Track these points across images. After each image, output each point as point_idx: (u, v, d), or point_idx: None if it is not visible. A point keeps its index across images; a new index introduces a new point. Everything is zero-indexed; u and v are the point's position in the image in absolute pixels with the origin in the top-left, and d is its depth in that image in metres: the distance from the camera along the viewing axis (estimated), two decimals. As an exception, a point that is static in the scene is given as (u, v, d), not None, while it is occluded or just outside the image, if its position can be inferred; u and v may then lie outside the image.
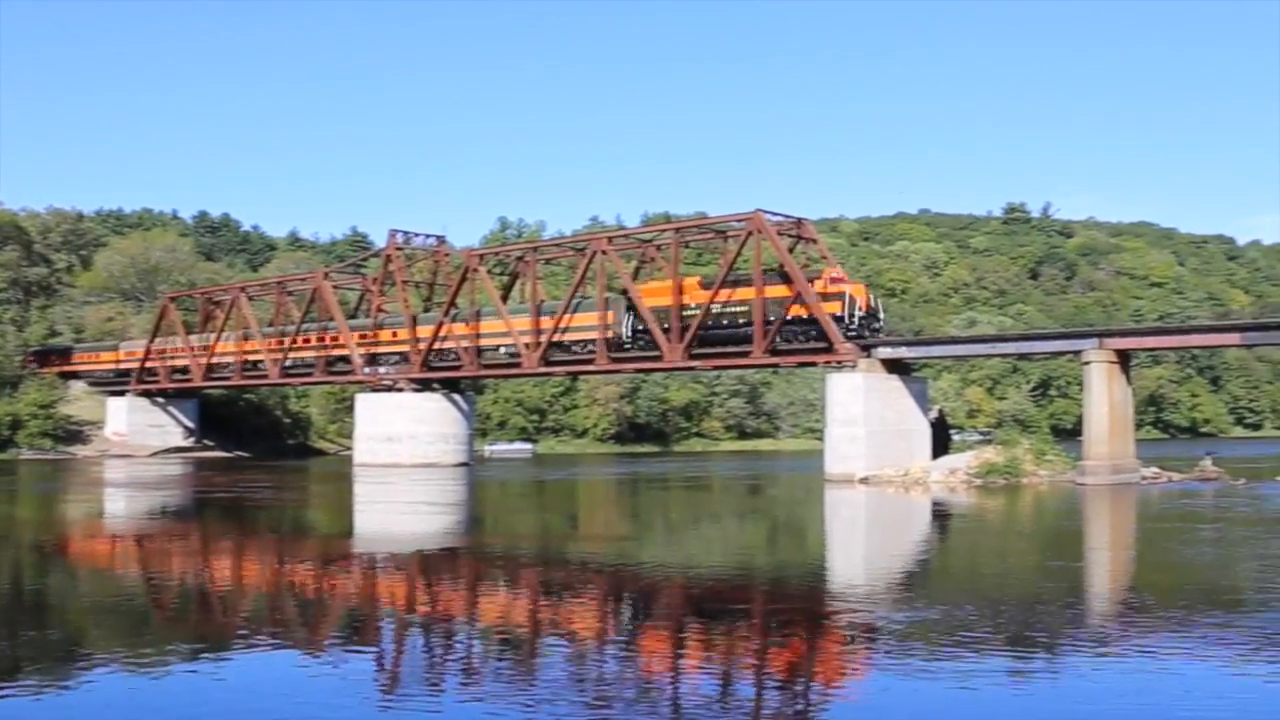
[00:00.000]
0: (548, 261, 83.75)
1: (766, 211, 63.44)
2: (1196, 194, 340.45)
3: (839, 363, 60.29)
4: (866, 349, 59.57)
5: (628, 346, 69.17)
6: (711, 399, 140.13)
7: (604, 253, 70.48)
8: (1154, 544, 32.82)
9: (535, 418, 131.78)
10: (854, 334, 59.99)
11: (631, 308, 68.86)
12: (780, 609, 20.72)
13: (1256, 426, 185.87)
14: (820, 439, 65.06)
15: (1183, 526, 36.36)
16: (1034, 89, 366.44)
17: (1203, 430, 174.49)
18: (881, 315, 64.67)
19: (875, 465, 58.07)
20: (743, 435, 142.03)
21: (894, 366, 60.37)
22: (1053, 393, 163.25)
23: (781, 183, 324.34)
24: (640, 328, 67.51)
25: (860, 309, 61.01)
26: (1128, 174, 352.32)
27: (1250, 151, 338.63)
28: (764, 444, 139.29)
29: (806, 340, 61.69)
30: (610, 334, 68.70)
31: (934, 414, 64.75)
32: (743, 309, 63.29)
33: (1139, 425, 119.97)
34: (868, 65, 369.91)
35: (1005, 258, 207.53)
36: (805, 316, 60.99)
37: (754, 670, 15.48)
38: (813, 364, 66.15)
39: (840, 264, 67.13)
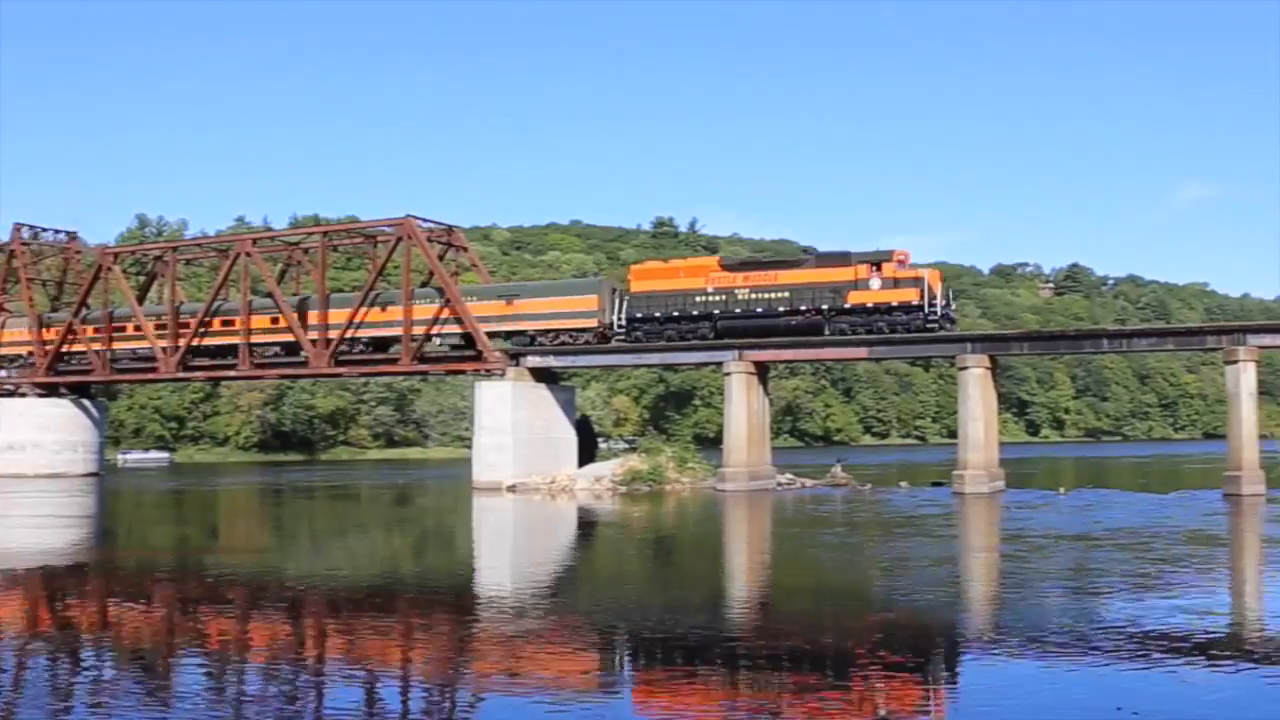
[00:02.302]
0: (188, 262, 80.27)
1: (417, 218, 63.04)
2: (835, 213, 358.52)
3: (488, 371, 60.43)
4: (514, 357, 59.89)
5: (620, 337, 60.31)
6: (359, 406, 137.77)
7: (248, 254, 68.30)
8: (786, 547, 34.32)
9: (174, 425, 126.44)
10: (934, 325, 54.88)
11: (622, 294, 61.21)
12: (423, 616, 20.56)
13: (884, 435, 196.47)
14: (469, 447, 64.88)
15: (813, 530, 38.16)
16: (683, 107, 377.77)
17: (835, 439, 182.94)
18: (953, 305, 59.09)
19: (523, 473, 58.45)
20: (391, 443, 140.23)
21: (542, 375, 60.94)
22: (696, 402, 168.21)
23: (434, 190, 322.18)
24: (638, 315, 59.21)
25: (939, 297, 55.44)
26: (769, 193, 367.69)
27: (886, 174, 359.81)
28: (412, 452, 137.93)
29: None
30: (597, 323, 60.64)
31: (580, 421, 65.71)
32: (780, 294, 56.43)
33: (776, 434, 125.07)
34: (521, 76, 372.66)
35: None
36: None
37: (399, 676, 15.34)
38: (461, 372, 66.03)
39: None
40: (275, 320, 66.98)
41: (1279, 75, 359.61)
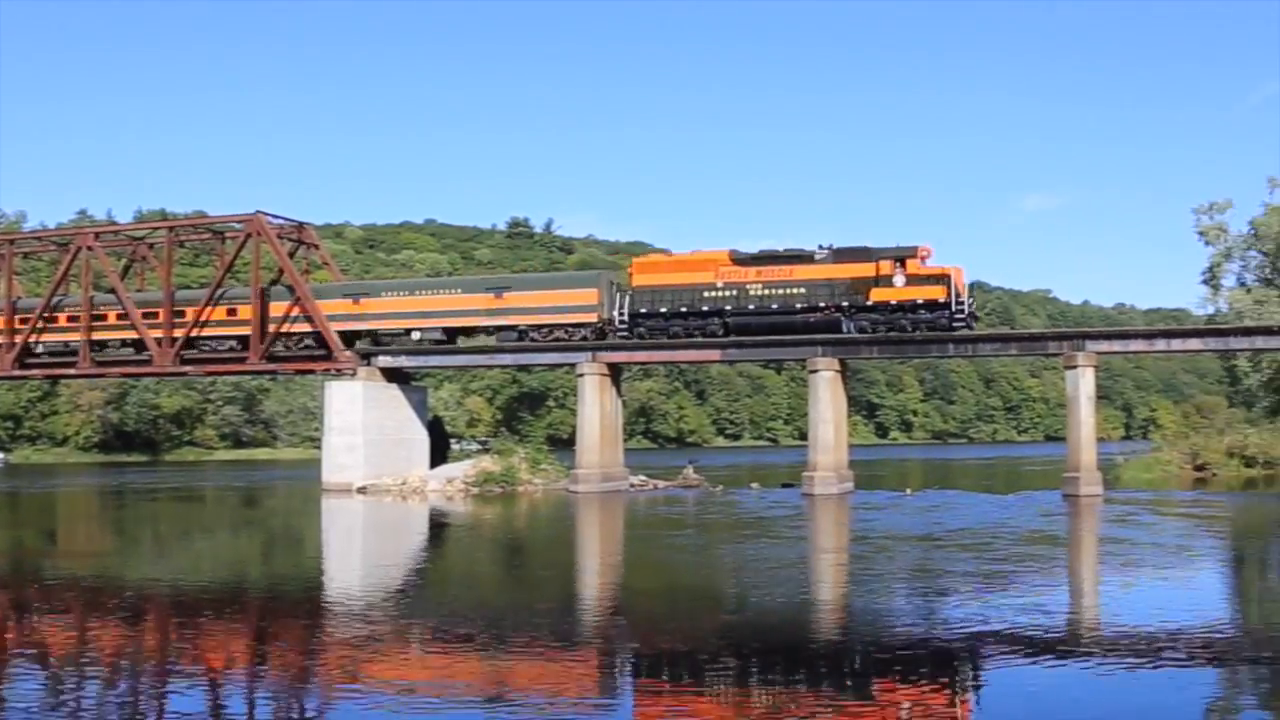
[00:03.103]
0: (26, 256, 77.75)
1: (267, 214, 61.90)
2: (690, 218, 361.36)
3: (338, 370, 59.63)
4: (366, 357, 59.17)
5: (623, 333, 57.11)
6: (206, 406, 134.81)
7: (90, 249, 66.32)
8: (637, 548, 34.47)
9: (9, 425, 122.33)
10: (961, 323, 52.89)
11: (623, 289, 58.15)
12: (270, 620, 20.22)
13: (736, 437, 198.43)
14: (319, 448, 63.85)
15: (665, 531, 38.39)
16: (540, 108, 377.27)
17: (689, 440, 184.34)
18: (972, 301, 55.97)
19: (374, 474, 57.76)
20: (239, 444, 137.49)
21: (394, 375, 60.29)
22: (550, 403, 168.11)
23: (286, 187, 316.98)
24: (642, 311, 56.17)
25: (965, 294, 53.56)
26: (627, 195, 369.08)
27: (740, 179, 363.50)
28: (261, 453, 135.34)
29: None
30: (597, 318, 57.53)
31: (432, 422, 65.18)
32: (796, 291, 54.17)
33: (630, 435, 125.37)
34: (376, 74, 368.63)
35: (509, 270, 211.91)
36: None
37: (244, 682, 15.07)
38: (311, 371, 65.00)
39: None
40: (120, 316, 64.97)
41: (1119, 89, 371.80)
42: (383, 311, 60.65)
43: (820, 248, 54.05)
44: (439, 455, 64.02)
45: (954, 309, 52.17)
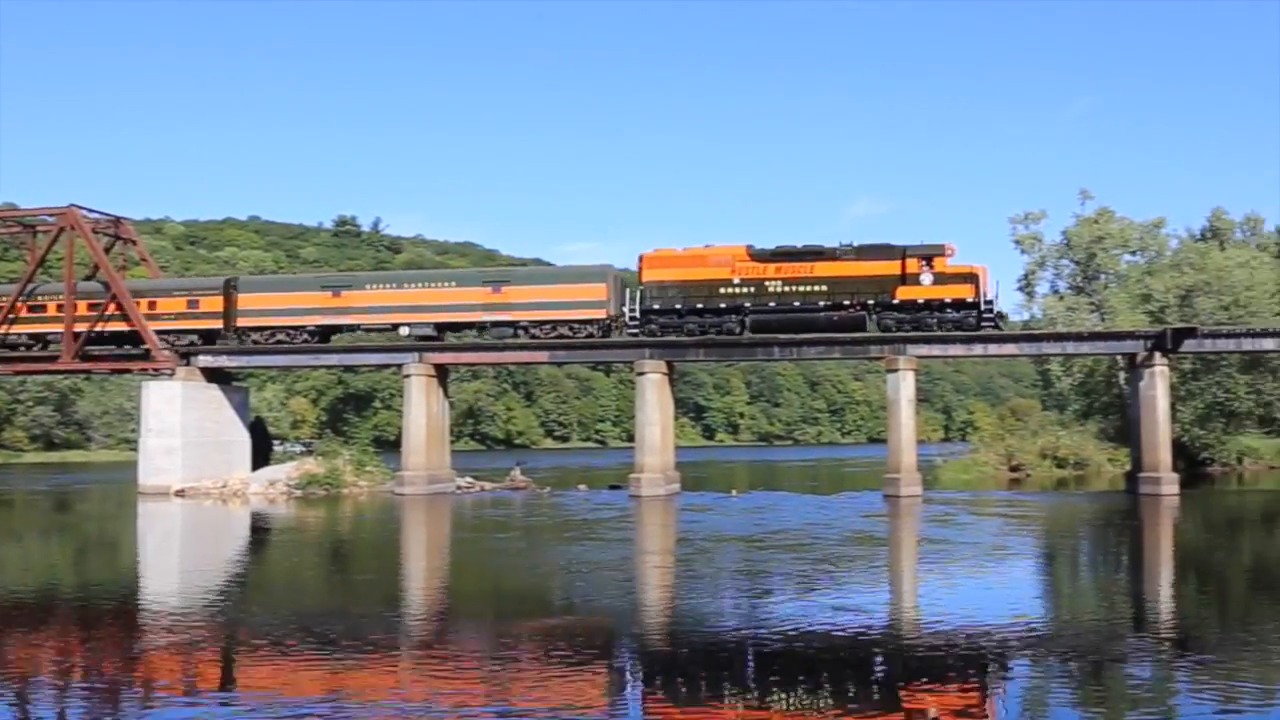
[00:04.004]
0: None
1: (82, 207, 59.95)
2: (515, 220, 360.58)
3: (156, 370, 58.02)
4: (185, 356, 57.66)
5: (632, 331, 54.78)
6: (15, 406, 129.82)
7: (-109, 243, 63.44)
8: (464, 551, 34.23)
9: None
10: (989, 323, 52.17)
11: (624, 283, 56.57)
12: (82, 628, 19.54)
13: (565, 439, 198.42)
14: (136, 450, 61.89)
15: (492, 534, 38.21)
16: (370, 106, 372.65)
17: (517, 442, 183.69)
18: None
19: (193, 477, 56.33)
20: (51, 446, 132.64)
21: (214, 375, 58.90)
22: (376, 404, 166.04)
23: (102, 180, 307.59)
24: (655, 307, 54.06)
25: (993, 295, 52.53)
26: (455, 196, 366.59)
27: (568, 182, 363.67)
28: (75, 455, 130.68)
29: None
30: (605, 314, 55.10)
31: (254, 424, 63.82)
32: (818, 288, 52.84)
33: (457, 437, 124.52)
34: (197, 66, 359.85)
35: (335, 269, 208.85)
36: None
37: (53, 692, 14.54)
38: (128, 371, 63.11)
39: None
40: None
41: (945, 96, 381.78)
42: (367, 305, 57.87)
43: (841, 245, 53.08)
44: (261, 457, 62.72)
45: (982, 308, 51.87)
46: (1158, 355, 51.07)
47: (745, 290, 53.45)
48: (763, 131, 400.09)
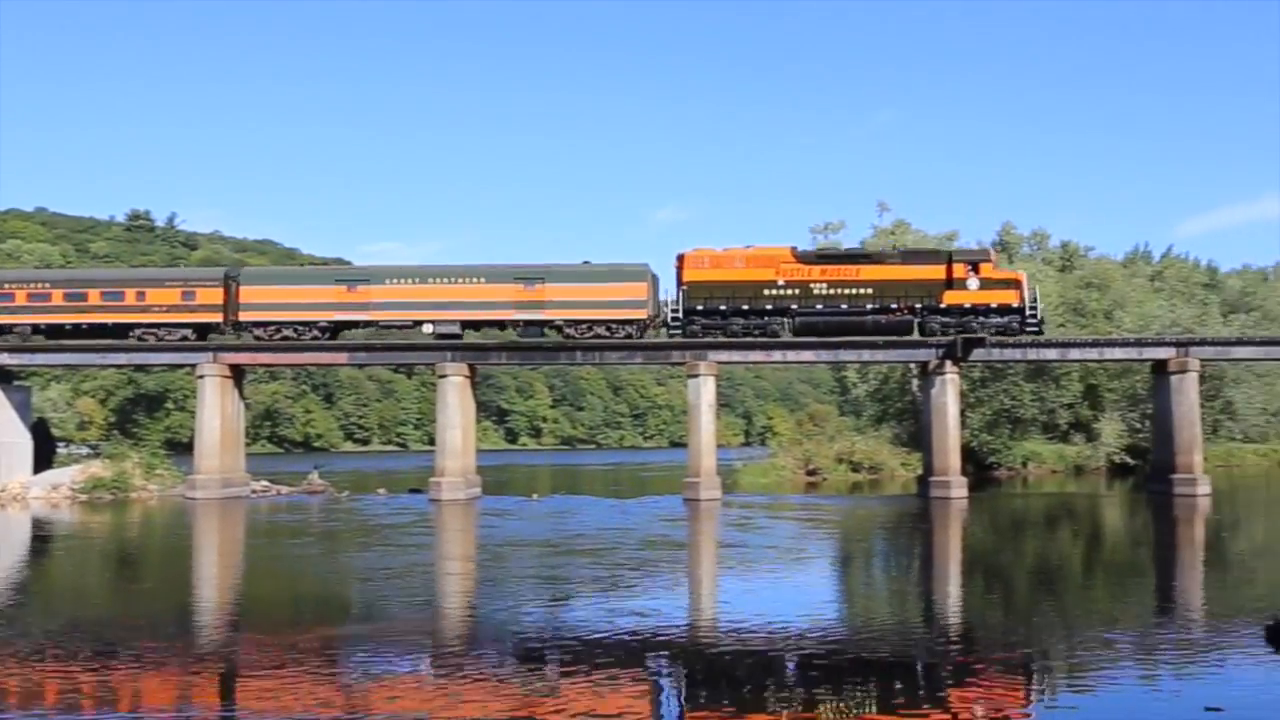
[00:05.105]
0: None
1: None
2: (316, 219, 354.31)
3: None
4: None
5: (676, 332, 53.89)
6: None
7: None
8: (258, 556, 33.38)
9: None
10: (1033, 329, 52.91)
11: (658, 282, 55.36)
12: None
13: (365, 442, 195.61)
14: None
15: (288, 539, 37.33)
16: (169, 100, 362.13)
17: (316, 445, 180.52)
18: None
19: (-31, 481, 53.85)
20: None
21: (-6, 374, 56.40)
22: (169, 405, 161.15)
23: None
24: (698, 308, 53.02)
25: (1037, 301, 53.46)
26: (253, 193, 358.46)
27: (361, 182, 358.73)
28: None
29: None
30: (646, 314, 53.83)
31: (36, 425, 61.25)
32: (864, 291, 52.71)
33: (254, 440, 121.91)
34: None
35: (128, 265, 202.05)
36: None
37: None
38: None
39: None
40: None
41: (749, 104, 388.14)
42: (388, 301, 54.75)
43: (894, 248, 53.02)
44: (44, 460, 60.18)
45: (1027, 313, 52.53)
46: (948, 363, 52.68)
47: (790, 292, 53.26)
48: (568, 134, 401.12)
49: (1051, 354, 55.79)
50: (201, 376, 55.11)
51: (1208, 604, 23.02)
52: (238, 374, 56.85)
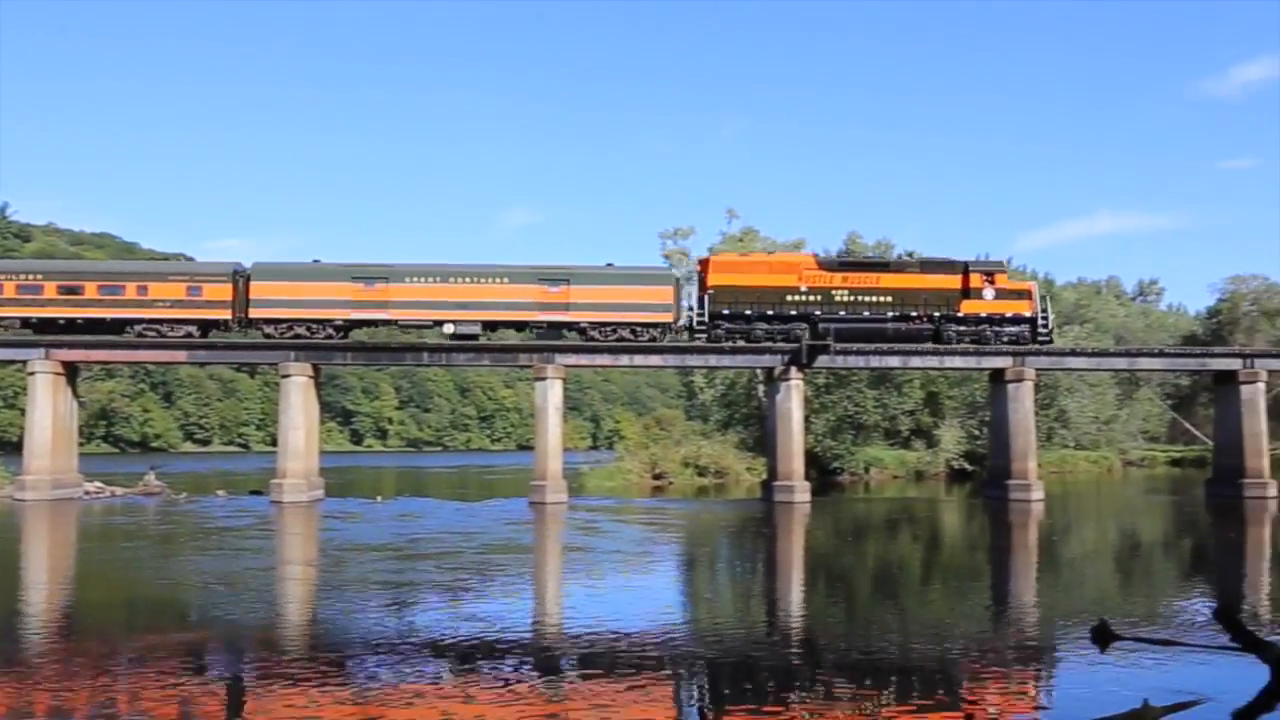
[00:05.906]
0: None
1: None
2: (157, 213, 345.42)
3: None
4: None
5: (701, 336, 54.15)
6: None
7: None
8: (90, 560, 32.44)
9: None
10: (1045, 338, 54.41)
11: (681, 286, 54.94)
12: None
13: (206, 442, 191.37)
14: None
15: (122, 542, 36.40)
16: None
17: (154, 445, 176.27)
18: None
19: None
20: None
21: None
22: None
23: None
24: (724, 312, 53.31)
25: (1048, 311, 55.16)
26: (91, 184, 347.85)
27: (205, 177, 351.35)
28: None
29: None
30: (672, 318, 53.76)
31: None
32: (884, 299, 53.77)
33: (89, 439, 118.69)
34: None
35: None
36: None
37: None
38: None
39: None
40: None
41: (600, 107, 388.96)
42: (408, 300, 53.30)
43: (909, 255, 54.02)
44: None
45: (1039, 323, 54.19)
46: (793, 370, 53.45)
47: (814, 299, 53.96)
48: (418, 133, 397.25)
49: (893, 361, 56.85)
50: (33, 373, 53.23)
51: (1039, 606, 23.64)
52: (71, 371, 55.16)
